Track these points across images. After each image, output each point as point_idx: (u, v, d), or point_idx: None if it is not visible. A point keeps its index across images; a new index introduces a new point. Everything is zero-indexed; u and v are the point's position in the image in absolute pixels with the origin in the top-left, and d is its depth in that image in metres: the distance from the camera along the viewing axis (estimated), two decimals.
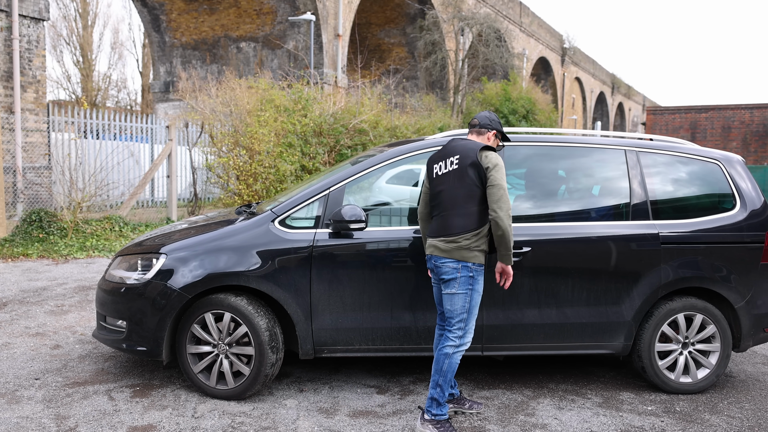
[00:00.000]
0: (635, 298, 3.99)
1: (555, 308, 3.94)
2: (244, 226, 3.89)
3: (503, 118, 23.01)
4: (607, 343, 4.02)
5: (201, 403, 3.76)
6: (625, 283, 3.98)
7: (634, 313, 3.99)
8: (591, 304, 3.96)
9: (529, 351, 4.02)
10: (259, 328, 3.72)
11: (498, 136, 3.61)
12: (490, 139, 3.56)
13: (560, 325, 3.96)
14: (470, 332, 3.42)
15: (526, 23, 33.83)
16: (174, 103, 20.21)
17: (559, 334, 3.97)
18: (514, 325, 3.92)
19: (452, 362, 3.40)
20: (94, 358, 4.52)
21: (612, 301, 3.97)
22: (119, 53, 41.63)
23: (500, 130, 3.59)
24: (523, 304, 3.92)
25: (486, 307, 3.85)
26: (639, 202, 4.09)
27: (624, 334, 4.01)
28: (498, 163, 3.34)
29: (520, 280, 3.85)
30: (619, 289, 3.97)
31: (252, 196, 9.61)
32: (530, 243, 3.88)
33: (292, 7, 18.73)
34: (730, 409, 3.95)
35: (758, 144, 20.99)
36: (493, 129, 3.56)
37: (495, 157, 3.37)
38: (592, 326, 3.98)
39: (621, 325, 4.00)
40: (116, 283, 3.96)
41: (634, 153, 4.20)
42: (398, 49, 25.53)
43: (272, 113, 10.30)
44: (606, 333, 4.01)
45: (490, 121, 3.57)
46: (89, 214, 10.23)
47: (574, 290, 3.95)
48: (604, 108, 52.80)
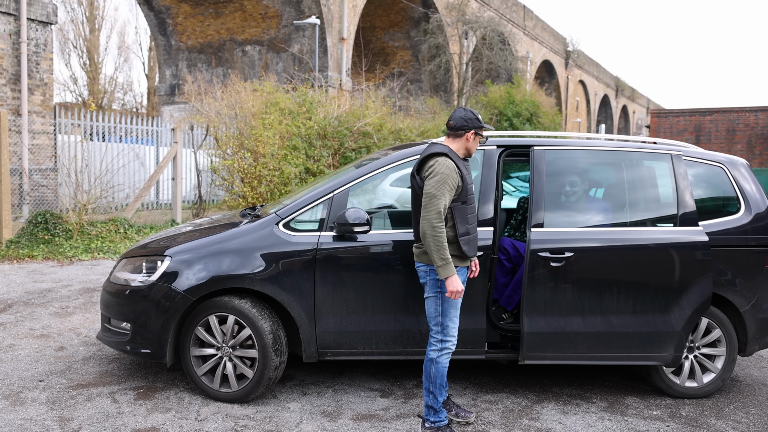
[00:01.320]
0: (685, 307, 3.86)
1: (600, 316, 3.82)
2: (249, 229, 3.90)
3: (507, 120, 22.99)
4: (656, 354, 3.89)
5: (204, 406, 3.76)
6: (674, 292, 3.85)
7: (684, 322, 3.86)
8: (638, 312, 3.83)
9: (573, 361, 3.89)
10: (262, 331, 3.72)
11: (478, 131, 3.47)
12: (470, 140, 3.44)
13: (605, 334, 3.83)
14: (451, 335, 3.39)
15: (530, 26, 33.82)
16: (179, 105, 20.28)
17: (604, 344, 3.84)
18: (557, 333, 3.82)
19: (438, 367, 3.38)
20: (98, 360, 4.53)
21: (660, 310, 3.84)
22: (125, 56, 41.89)
23: (477, 126, 3.44)
24: (565, 310, 3.81)
25: (526, 313, 3.80)
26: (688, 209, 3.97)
27: (674, 345, 3.89)
28: (437, 171, 3.26)
29: (562, 285, 3.79)
30: (667, 298, 3.84)
31: (256, 198, 9.63)
32: (573, 249, 3.80)
33: (297, 11, 18.78)
34: (736, 413, 3.92)
35: (763, 147, 20.89)
36: (470, 129, 3.43)
37: (439, 164, 3.28)
38: (639, 336, 3.85)
39: (670, 336, 3.87)
40: (121, 285, 3.97)
41: (679, 158, 4.10)
42: (402, 52, 25.55)
43: (277, 116, 10.33)
44: (654, 344, 3.88)
45: (466, 121, 3.43)
46: (94, 216, 10.26)
47: (620, 298, 3.82)
48: (608, 111, 52.69)
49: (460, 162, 3.38)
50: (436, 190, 3.23)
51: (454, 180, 3.28)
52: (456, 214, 3.33)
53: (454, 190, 3.30)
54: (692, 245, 3.88)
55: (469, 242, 3.39)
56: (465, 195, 3.36)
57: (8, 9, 10.23)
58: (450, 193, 3.27)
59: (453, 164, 3.31)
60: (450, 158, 3.32)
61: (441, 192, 3.23)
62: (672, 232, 3.92)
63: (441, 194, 3.23)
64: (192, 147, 12.62)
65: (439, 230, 3.21)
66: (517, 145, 4.15)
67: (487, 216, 3.94)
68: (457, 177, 3.30)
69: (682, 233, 3.91)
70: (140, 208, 12.09)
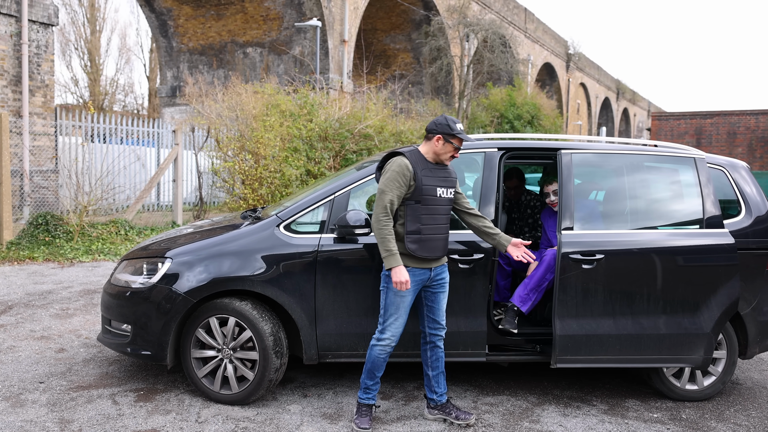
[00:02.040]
0: (714, 308, 3.88)
1: (630, 318, 3.82)
2: (249, 231, 3.90)
3: (508, 123, 22.99)
4: (686, 357, 3.90)
5: (205, 408, 3.76)
6: (703, 294, 3.88)
7: (713, 324, 3.88)
8: (668, 314, 3.85)
9: (604, 364, 3.88)
10: (263, 333, 3.72)
11: (447, 137, 3.44)
12: (438, 145, 3.45)
13: (636, 336, 3.83)
14: (389, 330, 3.44)
15: (531, 29, 33.85)
16: (180, 107, 20.31)
17: (636, 346, 3.84)
18: (589, 335, 3.82)
19: (371, 354, 3.49)
20: (99, 362, 4.53)
21: (690, 312, 3.86)
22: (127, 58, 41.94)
23: (446, 132, 3.44)
24: (597, 313, 3.82)
25: (558, 316, 3.80)
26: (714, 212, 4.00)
27: (704, 347, 3.90)
28: (388, 169, 3.40)
29: (593, 288, 3.81)
30: (696, 300, 3.86)
31: (257, 200, 9.63)
32: (604, 251, 3.81)
33: (299, 13, 18.81)
34: (736, 416, 3.92)
35: (764, 150, 20.89)
36: (437, 133, 3.46)
37: (392, 163, 3.42)
38: (669, 338, 3.85)
39: (700, 338, 3.88)
40: (121, 286, 3.97)
41: (702, 162, 4.13)
42: (404, 54, 25.58)
43: (278, 118, 10.33)
44: (684, 346, 3.88)
45: (436, 125, 3.48)
46: (95, 217, 10.27)
47: (650, 300, 3.84)
48: (609, 113, 52.69)
49: (421, 163, 3.43)
50: (385, 185, 3.37)
51: (404, 177, 3.36)
52: (408, 211, 3.41)
53: (405, 188, 3.37)
54: (719, 248, 3.92)
55: (419, 242, 3.40)
56: (419, 194, 3.39)
57: (9, 10, 10.25)
58: (398, 190, 3.35)
59: (407, 163, 3.39)
60: (406, 158, 3.42)
61: (389, 188, 3.35)
62: (699, 234, 3.96)
63: (389, 190, 3.35)
64: (193, 149, 12.63)
65: (383, 224, 3.33)
66: (519, 147, 4.16)
67: (488, 218, 3.95)
68: (409, 175, 3.37)
69: (709, 236, 3.95)
70: (141, 209, 12.10)
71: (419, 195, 3.40)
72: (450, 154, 3.48)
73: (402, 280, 3.32)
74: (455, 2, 24.65)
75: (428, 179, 3.43)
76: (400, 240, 3.43)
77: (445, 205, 3.51)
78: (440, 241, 3.51)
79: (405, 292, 3.42)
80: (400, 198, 3.39)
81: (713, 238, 3.94)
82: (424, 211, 3.42)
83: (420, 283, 3.50)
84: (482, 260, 3.87)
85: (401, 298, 3.43)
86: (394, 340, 3.46)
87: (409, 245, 3.40)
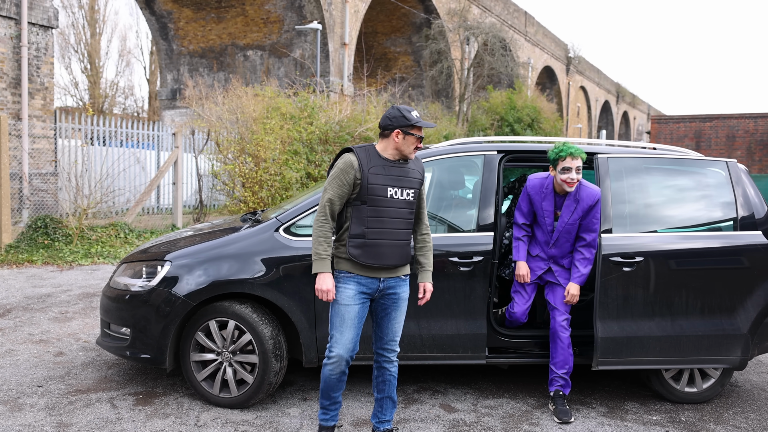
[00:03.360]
0: (750, 309, 3.92)
1: (670, 320, 3.86)
2: (249, 234, 3.89)
3: (508, 126, 23.01)
4: (724, 357, 3.93)
5: (204, 412, 3.75)
6: (740, 295, 3.92)
7: (750, 325, 3.92)
8: (706, 315, 3.89)
9: (645, 365, 3.92)
10: (263, 336, 3.71)
11: (405, 130, 3.09)
12: (398, 140, 3.09)
13: (676, 337, 3.86)
14: (337, 347, 3.10)
15: (531, 33, 33.89)
16: (181, 110, 20.32)
17: (675, 347, 3.87)
18: (630, 337, 3.85)
19: (323, 374, 3.17)
20: (98, 366, 4.52)
21: (727, 313, 3.91)
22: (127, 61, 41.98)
23: (404, 124, 3.08)
24: (637, 315, 3.86)
25: (600, 318, 3.82)
26: (747, 214, 4.06)
27: (741, 348, 3.93)
28: (335, 166, 3.11)
29: (633, 290, 3.84)
30: (733, 301, 3.90)
31: (257, 203, 9.63)
32: (643, 253, 3.85)
33: (299, 16, 18.83)
34: (735, 419, 3.91)
35: (762, 153, 20.90)
36: (395, 127, 3.09)
37: (339, 161, 3.12)
38: (708, 339, 3.89)
39: (737, 338, 3.91)
40: (121, 290, 3.96)
41: (735, 165, 4.19)
42: (404, 57, 25.60)
43: (278, 121, 10.34)
44: (723, 346, 3.91)
45: (391, 119, 3.11)
46: (95, 220, 10.27)
47: (688, 301, 3.87)
48: (609, 117, 52.74)
49: (373, 160, 3.08)
50: (327, 184, 3.10)
51: (347, 176, 3.04)
52: (353, 213, 3.08)
53: (347, 187, 3.05)
54: (754, 248, 3.98)
55: (363, 247, 3.05)
56: (365, 194, 3.04)
57: (9, 13, 10.25)
58: (340, 189, 3.05)
59: (352, 160, 3.07)
60: (354, 154, 3.09)
61: (330, 186, 3.08)
62: (734, 236, 4.02)
63: (330, 188, 3.07)
64: (193, 151, 12.63)
65: (319, 223, 3.08)
66: (519, 150, 4.16)
67: (487, 221, 3.94)
68: (353, 173, 3.04)
69: (744, 237, 4.01)
70: (141, 212, 12.09)
71: (365, 195, 3.05)
72: (414, 146, 3.13)
73: (323, 288, 3.03)
74: (456, 5, 24.69)
75: (377, 177, 3.06)
76: (343, 244, 3.13)
77: (399, 208, 3.11)
78: (392, 248, 3.09)
79: (350, 302, 3.09)
80: (343, 198, 3.07)
81: (748, 239, 4.00)
82: (370, 212, 3.06)
83: (367, 293, 3.14)
84: (482, 263, 3.86)
85: (346, 309, 3.09)
86: (344, 357, 3.10)
87: (351, 250, 3.07)
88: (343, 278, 3.13)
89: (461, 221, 4.19)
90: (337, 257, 3.17)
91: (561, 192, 3.90)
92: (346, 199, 3.09)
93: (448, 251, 3.87)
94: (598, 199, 3.86)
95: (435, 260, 3.89)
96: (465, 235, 3.97)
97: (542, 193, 3.95)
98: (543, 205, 3.95)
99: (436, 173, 4.69)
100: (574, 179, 3.79)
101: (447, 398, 4.09)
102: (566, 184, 3.81)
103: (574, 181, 3.79)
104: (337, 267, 3.15)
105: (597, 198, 3.86)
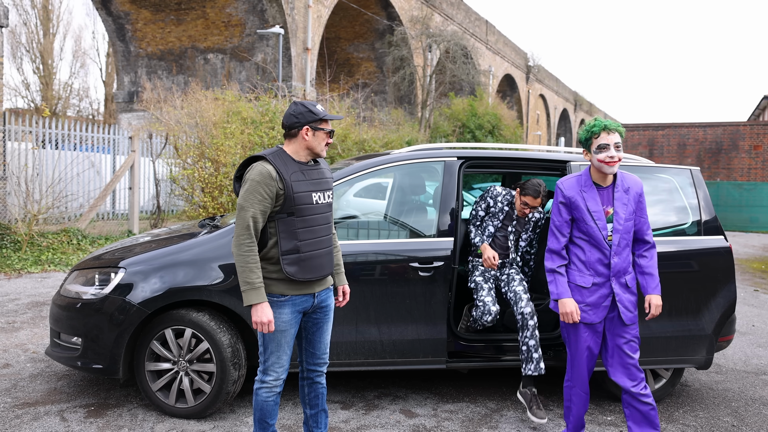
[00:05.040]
0: (714, 310, 4.05)
1: (641, 322, 3.85)
2: (207, 239, 3.82)
3: (469, 133, 23.29)
4: (691, 357, 4.04)
5: (159, 423, 3.65)
6: (704, 296, 4.04)
7: (714, 325, 4.05)
8: (673, 317, 3.98)
9: None
10: (221, 345, 3.64)
11: (314, 126, 2.85)
12: (307, 137, 2.84)
13: (646, 339, 3.89)
14: (273, 371, 2.90)
15: (492, 41, 34.45)
16: (138, 113, 19.84)
17: (646, 349, 3.90)
18: None
19: (257, 400, 2.94)
20: (47, 377, 4.35)
21: (693, 314, 4.02)
22: (82, 62, 40.75)
23: (312, 119, 2.83)
24: None
25: None
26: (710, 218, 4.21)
27: (706, 348, 4.04)
28: (248, 178, 2.79)
29: None
30: (698, 302, 4.02)
31: (217, 208, 9.48)
32: None
33: (261, 20, 18.67)
34: (685, 417, 4.03)
35: (711, 161, 21.76)
36: (303, 124, 2.83)
37: (251, 171, 2.80)
38: (676, 340, 3.99)
39: (702, 339, 4.03)
40: (72, 298, 3.83)
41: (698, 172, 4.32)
42: (367, 63, 25.66)
43: (239, 125, 10.21)
44: (689, 347, 4.02)
45: (296, 116, 2.83)
46: (46, 226, 9.92)
47: None
48: (568, 124, 53.99)
49: (290, 166, 2.82)
50: (244, 200, 2.75)
51: (268, 187, 2.74)
52: (280, 227, 2.79)
53: (270, 200, 2.76)
54: (718, 252, 4.12)
55: (299, 263, 2.81)
56: (292, 205, 2.78)
57: None
58: (262, 204, 2.74)
59: (269, 170, 2.77)
60: (269, 163, 2.79)
61: (249, 202, 2.74)
62: (699, 241, 4.16)
63: (249, 205, 2.73)
64: (151, 156, 12.35)
65: (245, 248, 2.73)
66: (479, 156, 4.21)
67: (447, 226, 3.97)
68: (274, 184, 2.75)
69: (708, 242, 4.15)
70: (95, 218, 11.75)
71: (292, 205, 2.78)
72: (325, 141, 2.88)
73: (264, 320, 2.74)
74: (418, 13, 24.90)
75: (300, 184, 2.81)
76: (275, 263, 2.82)
77: (324, 213, 2.91)
78: (325, 257, 2.92)
79: (286, 327, 2.86)
80: (266, 213, 2.77)
81: (712, 243, 4.15)
82: (300, 224, 2.81)
83: (301, 311, 2.93)
84: (442, 268, 3.88)
85: (281, 334, 2.87)
86: (281, 380, 2.94)
87: (287, 268, 2.79)
88: (278, 303, 2.85)
89: (422, 226, 4.21)
90: (265, 279, 2.83)
91: (602, 182, 3.20)
92: (268, 213, 2.79)
93: (409, 256, 3.88)
94: (642, 188, 3.26)
95: (396, 265, 3.91)
96: (425, 240, 3.98)
97: (582, 192, 3.19)
98: (589, 206, 3.16)
99: (397, 179, 4.71)
100: (615, 157, 3.07)
101: (407, 403, 4.09)
102: (605, 164, 3.10)
103: (614, 160, 3.07)
104: (268, 291, 2.83)
105: (641, 186, 3.26)
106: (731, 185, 20.36)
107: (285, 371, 2.95)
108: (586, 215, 3.15)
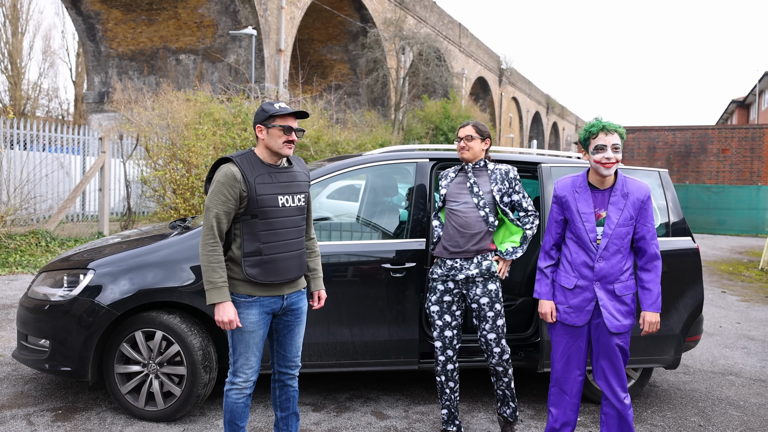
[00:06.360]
0: (682, 311, 4.11)
1: None
2: (178, 240, 3.80)
3: (443, 135, 23.46)
4: (659, 357, 4.09)
5: (128, 426, 3.62)
6: (673, 297, 4.06)
7: (682, 326, 4.11)
8: None
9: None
10: (192, 347, 3.62)
11: (267, 124, 2.84)
12: (262, 135, 2.85)
13: None
14: (243, 372, 2.89)
15: (465, 44, 34.74)
16: (108, 114, 19.52)
17: None
18: None
19: (227, 402, 2.93)
20: (13, 381, 4.27)
21: (662, 315, 3.97)
22: (51, 61, 39.95)
23: (263, 118, 2.84)
24: None
25: None
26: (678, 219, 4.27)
27: (674, 347, 4.10)
28: (214, 180, 2.82)
29: None
30: (666, 303, 4.00)
31: (189, 210, 9.39)
32: None
33: (234, 21, 18.55)
34: (653, 417, 4.13)
35: (681, 164, 22.27)
36: (255, 125, 2.89)
37: (218, 173, 2.82)
38: (644, 340, 3.98)
39: (671, 339, 4.08)
40: (40, 300, 3.77)
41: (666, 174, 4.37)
42: (340, 65, 25.66)
43: (211, 127, 10.14)
44: (658, 347, 4.07)
45: (255, 117, 2.90)
46: (13, 228, 9.71)
47: None
48: (540, 127, 54.70)
49: (256, 169, 2.82)
50: (209, 200, 2.79)
51: (232, 189, 2.76)
52: (244, 229, 2.81)
53: (234, 201, 2.77)
54: (685, 253, 4.19)
55: (260, 265, 2.80)
56: (255, 207, 2.79)
57: None
58: (225, 205, 2.76)
59: (233, 171, 2.78)
60: (234, 165, 2.81)
61: (213, 203, 2.77)
62: (668, 242, 4.20)
63: (213, 206, 2.77)
64: (121, 157, 12.17)
65: (209, 248, 2.76)
66: (451, 158, 4.26)
67: (419, 228, 4.01)
68: (238, 185, 2.76)
69: (676, 243, 4.21)
70: (64, 220, 11.53)
71: (255, 208, 2.79)
72: (284, 140, 2.83)
73: (225, 319, 2.75)
74: (392, 15, 25.00)
75: (265, 187, 2.80)
76: (237, 264, 2.83)
77: (292, 216, 2.90)
78: (291, 261, 2.90)
79: (254, 327, 2.86)
80: (230, 214, 2.78)
81: (680, 244, 4.22)
82: (263, 226, 2.81)
83: (270, 313, 2.92)
84: (414, 268, 3.92)
85: (250, 335, 2.86)
86: (251, 381, 2.93)
87: (247, 270, 2.80)
88: (244, 303, 2.84)
89: (394, 228, 4.24)
90: (232, 280, 2.85)
91: (600, 184, 3.11)
92: (233, 215, 2.80)
93: (381, 257, 3.91)
94: (649, 195, 3.08)
95: (368, 266, 3.93)
96: (397, 241, 4.02)
97: (575, 192, 3.13)
98: (579, 207, 3.10)
99: (369, 180, 4.75)
100: (611, 158, 3.00)
101: (379, 405, 4.13)
102: (602, 166, 3.01)
103: (611, 161, 3.00)
104: (235, 291, 2.84)
105: (648, 192, 3.08)
106: (700, 188, 20.88)
107: (255, 373, 2.93)
108: (575, 216, 3.10)
